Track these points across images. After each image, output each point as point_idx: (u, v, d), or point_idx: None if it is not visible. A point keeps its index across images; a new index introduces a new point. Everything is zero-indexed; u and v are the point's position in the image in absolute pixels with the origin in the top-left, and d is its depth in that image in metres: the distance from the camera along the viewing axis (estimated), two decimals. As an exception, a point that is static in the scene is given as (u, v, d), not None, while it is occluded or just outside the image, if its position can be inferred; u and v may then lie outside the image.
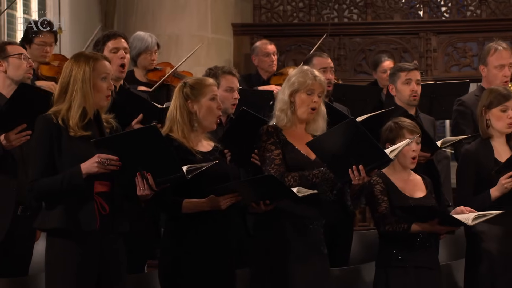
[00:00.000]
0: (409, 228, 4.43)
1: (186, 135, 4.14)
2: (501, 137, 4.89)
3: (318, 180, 4.26)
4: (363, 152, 4.11)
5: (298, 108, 4.39)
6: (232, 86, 5.24)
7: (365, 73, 9.02)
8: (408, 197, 4.57)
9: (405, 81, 5.60)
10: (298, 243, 4.31)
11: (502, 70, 5.77)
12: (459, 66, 9.00)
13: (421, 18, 9.26)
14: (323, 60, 6.18)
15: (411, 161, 4.62)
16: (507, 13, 8.94)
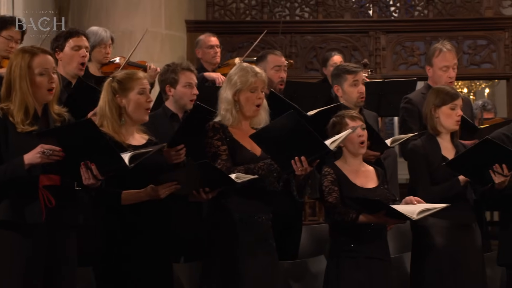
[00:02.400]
0: (357, 218, 4.45)
1: (116, 130, 4.11)
2: (448, 135, 4.95)
3: (264, 172, 4.28)
4: (304, 143, 4.17)
5: (243, 106, 4.40)
6: (190, 82, 5.23)
7: (316, 70, 9.03)
8: (359, 187, 4.59)
9: (352, 83, 5.63)
10: (247, 236, 4.32)
11: (447, 71, 5.83)
12: (407, 64, 9.07)
13: (370, 17, 9.30)
14: (277, 58, 6.18)
15: (360, 146, 4.64)
16: (454, 13, 9.02)
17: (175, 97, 5.23)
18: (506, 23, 8.91)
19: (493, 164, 4.58)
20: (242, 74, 4.41)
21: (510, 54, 8.82)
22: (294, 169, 4.21)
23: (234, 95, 4.39)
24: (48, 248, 3.80)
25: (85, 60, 5.37)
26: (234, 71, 4.47)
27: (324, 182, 4.56)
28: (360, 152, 4.67)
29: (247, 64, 4.55)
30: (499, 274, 5.48)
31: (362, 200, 4.50)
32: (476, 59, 8.93)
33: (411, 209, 4.39)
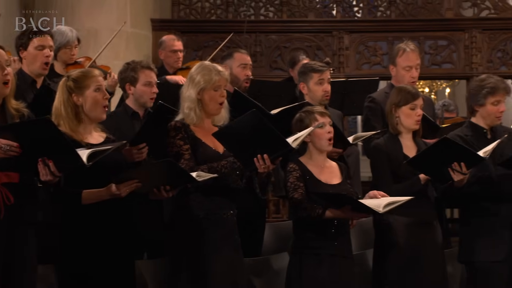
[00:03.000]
0: (323, 214, 4.45)
1: (73, 129, 4.08)
2: (409, 134, 4.98)
3: (227, 170, 4.28)
4: (267, 141, 4.18)
5: (207, 105, 4.40)
6: (150, 80, 5.22)
7: (280, 69, 9.05)
8: (324, 183, 4.60)
9: (318, 81, 5.66)
10: (213, 233, 4.32)
11: (410, 71, 5.87)
12: (369, 64, 9.11)
13: (334, 17, 9.34)
14: (243, 56, 6.21)
15: (328, 143, 4.65)
16: (415, 14, 9.08)
17: (135, 95, 5.23)
18: (466, 24, 8.99)
19: (452, 162, 4.62)
20: (205, 73, 4.41)
21: (470, 55, 8.90)
22: (256, 167, 4.21)
23: (198, 93, 4.39)
24: (6, 246, 3.76)
25: (49, 59, 5.30)
26: (196, 70, 4.46)
27: (289, 178, 4.56)
28: (327, 149, 4.69)
29: (208, 63, 4.56)
30: (459, 270, 5.53)
31: (329, 195, 4.51)
32: (437, 59, 9.01)
33: (377, 202, 4.40)
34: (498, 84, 4.93)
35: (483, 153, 4.64)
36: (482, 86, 4.93)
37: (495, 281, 4.84)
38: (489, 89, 4.90)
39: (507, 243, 4.85)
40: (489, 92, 4.90)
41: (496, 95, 4.91)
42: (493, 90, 4.90)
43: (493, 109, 4.93)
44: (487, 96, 4.91)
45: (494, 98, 4.91)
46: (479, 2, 9.08)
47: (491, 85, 4.92)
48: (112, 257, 4.07)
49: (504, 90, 4.93)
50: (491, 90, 4.90)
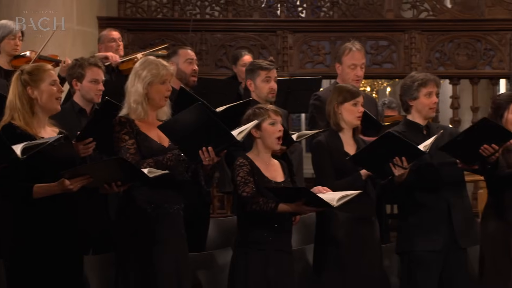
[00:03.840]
0: (276, 208, 4.46)
1: (28, 122, 4.06)
2: (350, 131, 5.04)
3: (173, 163, 4.29)
4: (212, 134, 4.22)
5: (154, 98, 4.40)
6: (97, 78, 5.22)
7: (225, 67, 9.04)
8: (270, 180, 4.62)
9: (264, 79, 5.71)
10: (160, 227, 4.32)
11: (355, 69, 5.95)
12: (313, 63, 9.15)
13: (278, 17, 9.36)
14: (188, 52, 6.24)
15: (276, 142, 4.67)
16: (357, 15, 9.16)
17: (82, 91, 5.24)
18: (406, 25, 9.09)
19: (393, 157, 4.69)
20: (152, 68, 4.41)
21: (409, 55, 9.00)
22: (201, 159, 4.22)
23: (145, 88, 4.38)
24: None
25: None
26: (141, 65, 4.45)
27: (239, 173, 4.56)
28: (276, 148, 4.71)
29: (153, 58, 4.57)
30: (396, 263, 5.61)
31: (284, 189, 4.55)
32: (378, 59, 9.10)
33: (330, 196, 4.44)
34: (428, 76, 5.09)
35: (424, 147, 4.73)
36: (413, 80, 5.06)
37: (431, 270, 4.94)
38: (420, 81, 5.03)
39: (443, 234, 4.95)
40: (420, 84, 5.02)
41: (428, 86, 5.03)
42: (424, 81, 5.03)
43: (427, 101, 5.04)
44: (419, 88, 5.03)
45: (427, 89, 5.03)
46: (418, 4, 9.20)
47: (421, 77, 5.06)
48: (60, 253, 4.04)
49: (434, 81, 5.07)
50: (422, 82, 5.03)
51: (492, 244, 5.15)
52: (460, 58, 9.03)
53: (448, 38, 9.06)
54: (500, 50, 8.99)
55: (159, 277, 4.28)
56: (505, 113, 5.16)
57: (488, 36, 9.02)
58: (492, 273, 5.16)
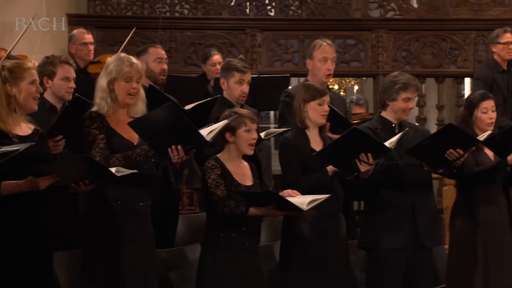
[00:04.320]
0: (247, 211, 4.46)
1: (4, 119, 4.03)
2: (316, 128, 5.07)
3: (142, 158, 4.28)
4: (182, 133, 4.22)
5: (118, 95, 4.37)
6: (68, 75, 5.21)
7: (194, 65, 9.04)
8: (240, 184, 4.61)
9: (238, 81, 5.68)
10: (127, 224, 4.31)
11: (326, 63, 5.98)
12: (281, 61, 9.18)
13: (247, 15, 9.37)
14: (158, 50, 6.20)
15: (250, 148, 4.66)
16: (325, 14, 9.20)
17: (53, 89, 5.21)
18: (373, 25, 9.15)
19: (359, 153, 4.73)
20: (117, 64, 4.40)
21: (376, 54, 9.07)
22: (171, 157, 4.23)
23: (109, 83, 4.37)
24: None
25: None
26: (111, 60, 4.46)
27: (211, 175, 4.54)
28: (248, 153, 4.68)
29: (124, 54, 4.54)
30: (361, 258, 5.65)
31: (254, 194, 4.55)
32: (346, 57, 9.15)
33: (300, 200, 4.45)
34: (410, 81, 5.10)
35: (389, 143, 4.78)
36: (395, 81, 5.09)
37: (395, 268, 4.99)
38: (402, 84, 5.06)
39: (406, 233, 5.00)
40: (401, 87, 5.06)
41: (408, 91, 5.08)
42: (406, 86, 5.06)
43: (403, 105, 5.09)
44: (399, 91, 5.07)
45: (406, 94, 5.07)
46: (385, 4, 9.26)
47: (403, 81, 5.08)
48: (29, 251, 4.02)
49: (415, 87, 5.11)
50: (403, 86, 5.06)
51: (459, 241, 5.21)
52: (426, 57, 9.11)
53: (414, 37, 9.14)
54: (464, 50, 9.08)
55: (125, 274, 4.27)
56: (475, 111, 5.24)
57: (453, 36, 9.11)
58: (456, 270, 5.22)
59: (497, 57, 7.45)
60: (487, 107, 5.24)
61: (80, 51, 7.33)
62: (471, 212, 5.18)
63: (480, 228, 5.15)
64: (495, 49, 7.44)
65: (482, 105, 5.24)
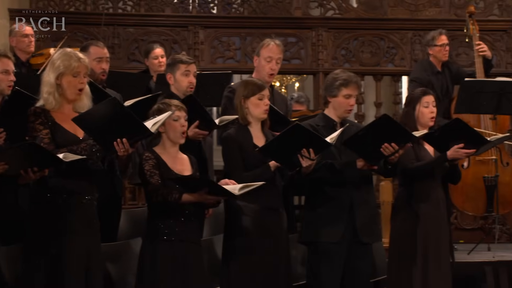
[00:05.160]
0: (180, 198, 4.46)
1: None
2: (258, 124, 5.07)
3: (87, 152, 4.25)
4: (126, 126, 4.21)
5: (66, 90, 4.33)
6: (7, 68, 5.13)
7: (137, 61, 8.96)
8: (177, 174, 4.61)
9: (184, 72, 5.67)
10: (71, 217, 4.28)
11: (270, 62, 6.00)
12: (223, 58, 9.16)
13: (190, 12, 9.32)
14: (99, 50, 6.12)
15: (181, 136, 4.66)
16: (266, 12, 9.21)
17: None
18: (313, 23, 9.19)
19: (301, 148, 4.75)
20: (65, 59, 4.36)
21: (316, 52, 9.11)
22: (116, 150, 4.21)
23: (56, 78, 4.33)
24: None
25: None
26: (57, 55, 4.41)
27: (145, 166, 4.55)
28: (180, 142, 4.69)
29: (70, 50, 4.51)
30: (301, 253, 5.68)
31: (186, 179, 4.54)
32: (287, 55, 9.14)
33: (232, 186, 4.48)
34: (351, 78, 5.14)
35: (330, 139, 4.81)
36: (336, 78, 5.13)
37: (334, 262, 5.02)
38: (343, 81, 5.10)
39: (345, 227, 5.03)
40: (342, 84, 5.10)
41: (349, 87, 5.11)
42: (346, 82, 5.10)
43: (344, 102, 5.12)
44: (340, 87, 5.10)
45: (347, 91, 5.10)
46: (325, 3, 9.30)
47: (344, 77, 5.12)
48: None
49: (356, 83, 5.14)
50: (344, 82, 5.10)
51: (400, 234, 5.28)
52: (364, 55, 9.19)
53: (353, 36, 9.21)
54: (401, 49, 9.19)
55: (66, 269, 4.22)
56: (417, 106, 5.32)
57: (390, 35, 9.21)
58: (397, 262, 5.29)
59: (433, 59, 7.56)
60: (428, 102, 5.34)
61: (21, 43, 7.21)
62: (412, 206, 5.25)
63: (420, 222, 5.22)
64: (432, 51, 7.56)
65: (424, 100, 5.33)
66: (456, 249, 7.34)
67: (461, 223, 8.78)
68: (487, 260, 6.85)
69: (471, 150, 5.17)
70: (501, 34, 9.23)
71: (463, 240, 8.35)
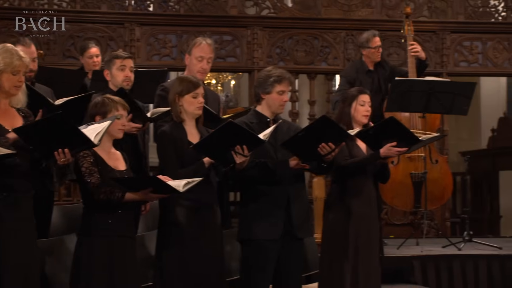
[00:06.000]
0: (123, 197, 4.44)
1: None
2: (192, 121, 5.05)
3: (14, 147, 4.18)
4: (69, 138, 4.19)
5: (3, 86, 4.31)
6: None
7: (73, 58, 8.85)
8: (113, 169, 4.58)
9: (119, 67, 5.68)
10: (9, 215, 4.22)
11: (201, 62, 5.99)
12: (159, 55, 9.11)
13: (126, 9, 9.24)
14: (26, 49, 6.01)
15: (120, 132, 4.67)
16: (202, 10, 9.19)
17: None
18: (248, 22, 9.22)
19: (234, 145, 4.75)
20: (7, 56, 4.30)
21: (252, 50, 9.13)
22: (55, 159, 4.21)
23: None
24: None
25: None
26: None
27: (83, 164, 4.50)
28: (118, 137, 4.68)
29: (12, 46, 4.44)
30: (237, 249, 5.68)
31: (131, 179, 4.52)
32: (222, 53, 9.17)
33: (176, 183, 4.47)
34: (284, 74, 5.17)
35: (263, 136, 4.82)
36: (270, 75, 5.14)
37: (268, 258, 5.04)
38: (276, 77, 5.12)
39: (282, 224, 5.06)
40: (275, 80, 5.12)
41: (282, 84, 5.13)
42: (280, 79, 5.12)
43: (278, 98, 5.14)
44: (274, 84, 5.12)
45: (280, 87, 5.13)
46: (260, 2, 9.34)
47: (277, 74, 5.15)
48: None
49: (288, 80, 5.18)
50: (277, 78, 5.12)
51: (332, 230, 5.33)
52: (298, 54, 9.25)
53: (288, 35, 9.26)
54: (335, 48, 9.28)
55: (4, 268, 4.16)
56: (353, 103, 5.38)
57: (324, 34, 9.29)
58: (328, 258, 5.33)
59: (366, 59, 7.65)
60: (364, 100, 5.41)
61: None
62: (344, 202, 5.30)
63: (352, 218, 5.27)
64: (365, 53, 7.64)
65: (360, 98, 5.39)
66: (386, 244, 7.47)
67: (391, 218, 8.94)
68: (415, 254, 6.97)
69: (403, 149, 5.25)
70: (430, 35, 9.41)
71: (393, 235, 8.50)
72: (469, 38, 9.49)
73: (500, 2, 9.58)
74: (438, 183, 7.61)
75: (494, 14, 9.57)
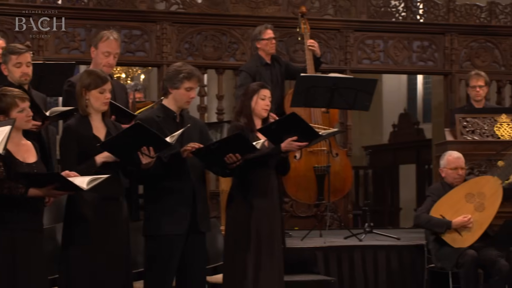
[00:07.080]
0: (26, 192, 4.36)
1: None
2: (98, 114, 4.99)
3: None
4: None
5: None
6: None
7: (-21, 50, 8.58)
8: (22, 162, 4.50)
9: (15, 64, 5.62)
10: None
11: (108, 57, 5.98)
12: (68, 49, 8.94)
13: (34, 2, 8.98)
14: None
15: (26, 123, 4.61)
16: (112, 4, 9.06)
17: None
18: (158, 17, 9.15)
19: (141, 146, 4.73)
20: None
21: (161, 45, 9.05)
22: None
23: None
24: None
25: None
26: None
27: None
28: (26, 127, 4.63)
29: None
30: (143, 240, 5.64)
31: (36, 175, 4.45)
32: (131, 47, 9.08)
33: (80, 180, 4.43)
34: (194, 71, 5.17)
35: (170, 138, 4.81)
36: (180, 71, 5.14)
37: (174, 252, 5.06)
38: (186, 74, 5.12)
39: (187, 218, 5.07)
40: (185, 77, 5.12)
41: (191, 81, 5.13)
42: (189, 76, 5.12)
43: (185, 94, 5.14)
44: (183, 80, 5.12)
45: (189, 84, 5.13)
46: (170, -3, 9.30)
47: (187, 70, 5.14)
48: None
49: (198, 77, 5.19)
50: (187, 75, 5.12)
51: (235, 224, 5.36)
52: (207, 49, 9.25)
53: (197, 31, 9.25)
54: (242, 44, 9.32)
55: None
56: (254, 97, 5.42)
57: (232, 30, 9.32)
58: (232, 251, 5.36)
59: (262, 52, 7.78)
60: (265, 95, 5.47)
61: None
62: (246, 196, 5.34)
63: (253, 211, 5.32)
64: (259, 45, 7.78)
65: (262, 92, 5.45)
66: (291, 235, 7.58)
67: (296, 211, 9.05)
68: (318, 245, 7.08)
69: (303, 143, 5.33)
70: (335, 33, 9.56)
71: (298, 227, 8.62)
72: (371, 37, 9.69)
73: (400, 3, 9.81)
74: (339, 176, 7.76)
75: (395, 14, 9.80)
